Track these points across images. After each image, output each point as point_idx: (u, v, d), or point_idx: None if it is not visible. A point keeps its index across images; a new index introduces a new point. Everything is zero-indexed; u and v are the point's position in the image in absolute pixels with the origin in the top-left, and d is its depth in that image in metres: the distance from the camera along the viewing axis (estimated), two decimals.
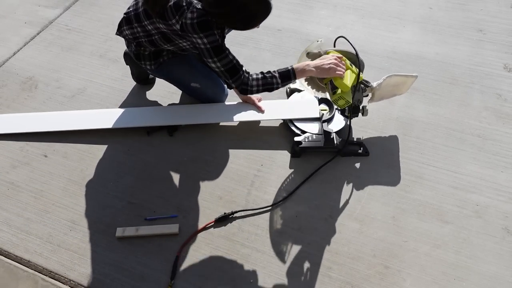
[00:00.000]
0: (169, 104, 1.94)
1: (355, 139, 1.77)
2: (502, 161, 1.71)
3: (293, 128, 1.77)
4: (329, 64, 1.46)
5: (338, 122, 1.78)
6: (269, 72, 1.52)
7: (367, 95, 1.65)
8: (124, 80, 2.07)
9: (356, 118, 1.73)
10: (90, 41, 2.31)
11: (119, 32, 1.68)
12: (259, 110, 1.79)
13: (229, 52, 1.47)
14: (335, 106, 1.66)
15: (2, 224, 1.53)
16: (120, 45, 2.23)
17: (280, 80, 1.51)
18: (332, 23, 2.41)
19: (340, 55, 1.51)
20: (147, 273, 1.40)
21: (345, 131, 1.69)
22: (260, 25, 1.45)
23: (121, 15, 1.63)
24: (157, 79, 2.04)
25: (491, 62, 2.15)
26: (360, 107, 1.66)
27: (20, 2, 2.59)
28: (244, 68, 1.51)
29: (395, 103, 1.94)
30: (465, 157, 1.72)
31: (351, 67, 1.51)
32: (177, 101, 1.96)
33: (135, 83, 2.04)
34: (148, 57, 1.69)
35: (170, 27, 1.45)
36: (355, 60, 1.52)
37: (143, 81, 2.02)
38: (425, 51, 2.22)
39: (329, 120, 1.78)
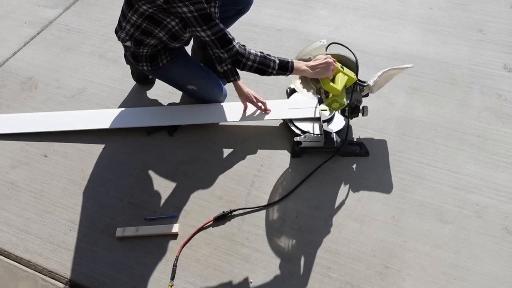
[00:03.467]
0: (169, 104, 1.95)
1: (355, 139, 1.77)
2: (502, 161, 1.71)
3: (293, 128, 1.77)
4: (322, 64, 1.48)
5: (338, 122, 1.78)
6: (269, 55, 1.50)
7: (367, 95, 1.65)
8: (124, 80, 2.07)
9: (356, 118, 1.73)
10: (90, 41, 2.31)
11: (117, 37, 1.70)
12: (261, 110, 1.78)
13: (220, 22, 1.42)
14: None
15: (2, 224, 1.53)
16: (120, 45, 2.23)
17: (277, 67, 1.48)
18: (332, 23, 2.41)
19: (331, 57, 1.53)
20: (147, 273, 1.40)
21: (345, 131, 1.69)
22: (260, 25, 1.43)
23: None
24: (157, 79, 2.04)
25: (491, 62, 2.15)
26: (360, 107, 1.67)
27: (20, 2, 2.59)
28: (237, 40, 1.47)
29: (395, 103, 1.94)
30: (465, 157, 1.72)
31: (342, 69, 1.53)
32: (177, 101, 1.96)
33: (135, 83, 2.04)
34: (145, 58, 1.68)
35: (154, 3, 1.40)
36: (348, 64, 1.55)
37: (143, 80, 2.02)
38: (425, 51, 2.22)
39: (329, 120, 1.78)
